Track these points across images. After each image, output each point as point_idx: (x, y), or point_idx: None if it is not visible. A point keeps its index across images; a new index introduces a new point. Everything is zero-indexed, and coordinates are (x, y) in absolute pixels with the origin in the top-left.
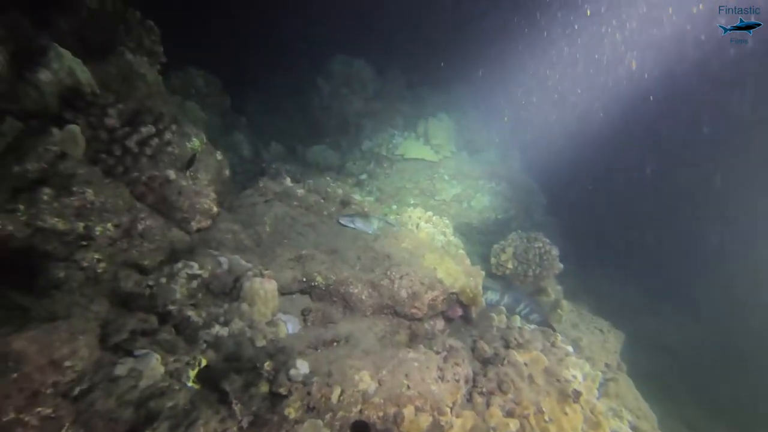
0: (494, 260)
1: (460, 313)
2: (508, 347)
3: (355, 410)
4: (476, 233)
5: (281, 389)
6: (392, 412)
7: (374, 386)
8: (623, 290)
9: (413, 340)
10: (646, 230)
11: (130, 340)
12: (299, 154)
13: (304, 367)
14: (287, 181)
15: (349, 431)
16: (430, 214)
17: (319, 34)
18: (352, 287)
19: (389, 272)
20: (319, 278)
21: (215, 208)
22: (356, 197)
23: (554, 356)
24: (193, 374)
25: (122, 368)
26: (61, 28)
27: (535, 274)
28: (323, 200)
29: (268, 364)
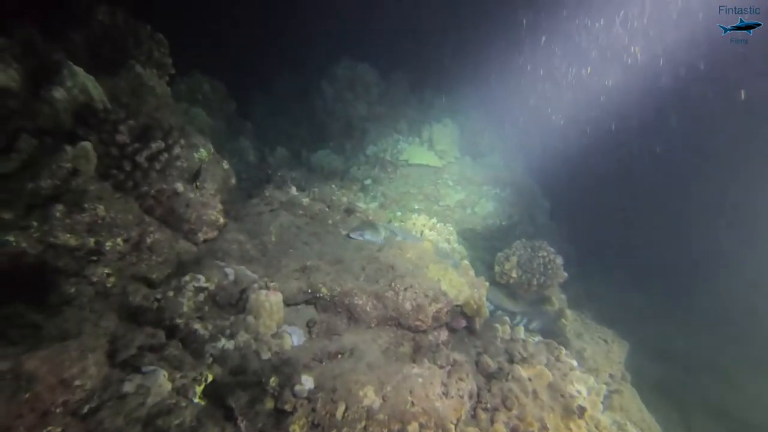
0: (498, 269)
1: (464, 324)
2: (512, 362)
3: (359, 427)
4: (480, 239)
5: (286, 406)
6: (396, 429)
7: (379, 402)
8: (629, 296)
9: (417, 352)
10: (652, 235)
11: (138, 356)
12: (304, 158)
13: (308, 382)
14: (293, 190)
15: None
16: (434, 221)
17: (324, 37)
18: (356, 299)
19: (393, 284)
20: (324, 289)
21: (222, 219)
22: (361, 205)
23: (558, 371)
24: (199, 390)
25: (130, 385)
26: (74, 42)
27: (539, 283)
28: (328, 208)
29: (273, 380)
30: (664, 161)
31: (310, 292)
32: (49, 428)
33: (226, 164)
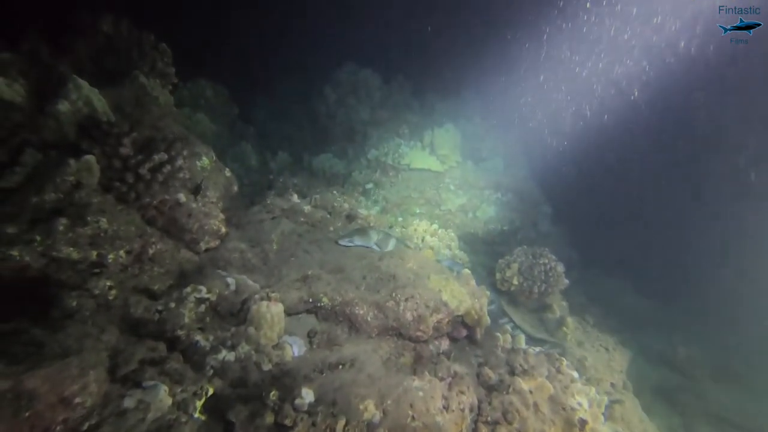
0: (499, 275)
1: (465, 333)
2: (513, 373)
3: None
4: (481, 244)
5: (286, 420)
6: None
7: (379, 416)
8: (631, 301)
9: (418, 362)
10: (656, 239)
11: (138, 370)
12: (306, 162)
13: (309, 396)
14: (294, 197)
15: None
16: (435, 227)
17: (327, 41)
18: (357, 308)
19: (394, 294)
20: (324, 299)
21: (223, 228)
22: (362, 212)
23: (560, 383)
24: (199, 405)
25: (130, 401)
26: (79, 53)
27: (540, 290)
28: (330, 215)
29: (273, 393)
30: (669, 164)
31: (311, 301)
32: None
33: (228, 172)
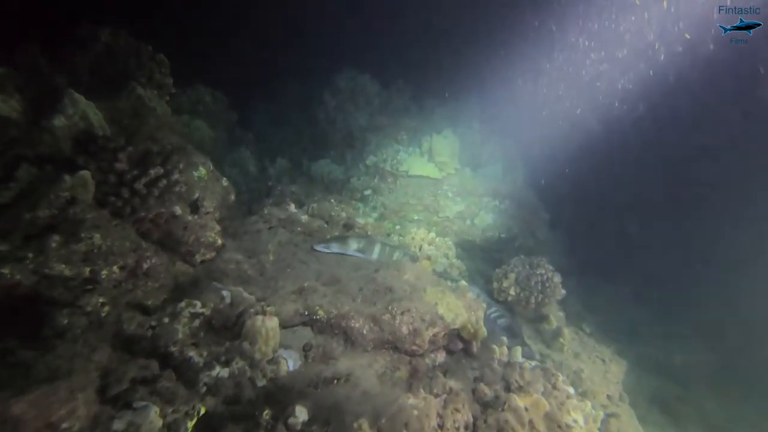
0: (496, 285)
1: (461, 346)
2: (509, 390)
3: None
4: (479, 251)
5: None
6: None
7: None
8: (629, 309)
9: (414, 376)
10: (654, 247)
11: (130, 390)
12: (305, 168)
13: (302, 414)
14: (291, 207)
15: None
16: (432, 235)
17: (326, 46)
18: (353, 321)
19: (390, 307)
20: (320, 312)
21: (219, 240)
22: (359, 221)
23: (555, 399)
24: (191, 425)
25: (120, 423)
26: (77, 64)
27: (537, 301)
28: (327, 224)
29: (266, 413)
30: (669, 170)
31: (306, 314)
32: None
33: (225, 181)
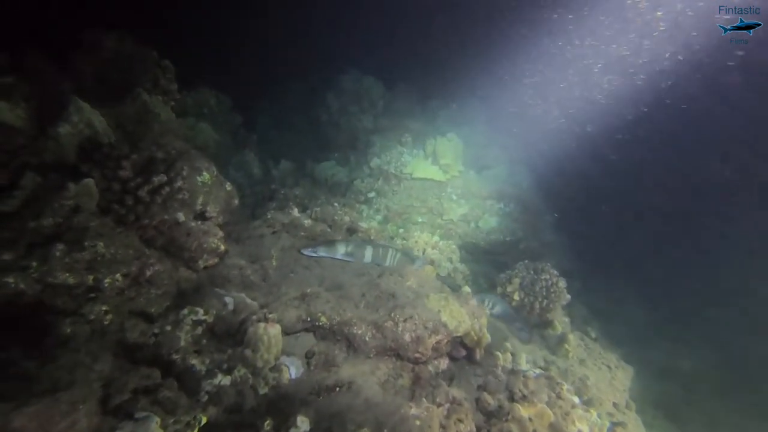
0: (500, 290)
1: (464, 353)
2: (512, 399)
3: None
4: (483, 254)
5: None
6: None
7: None
8: (635, 313)
9: (416, 383)
10: (662, 249)
11: (131, 400)
12: (308, 170)
13: (304, 425)
14: (294, 211)
15: None
16: (436, 239)
17: (330, 47)
18: (355, 328)
19: (393, 314)
20: (323, 318)
21: (222, 246)
22: (363, 225)
23: (560, 409)
24: None
25: None
26: (83, 70)
27: (541, 306)
28: (330, 228)
29: (268, 423)
30: (676, 172)
31: (309, 320)
32: None
33: (228, 185)
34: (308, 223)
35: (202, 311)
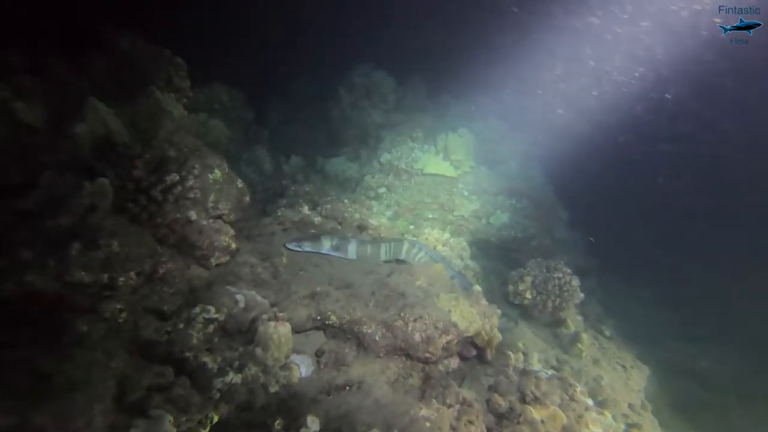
0: (512, 288)
1: (474, 353)
2: (524, 401)
3: None
4: (494, 250)
5: None
6: None
7: None
8: (652, 312)
9: (426, 383)
10: (681, 246)
11: (145, 398)
12: (319, 166)
13: (314, 425)
14: (305, 208)
15: None
16: (447, 236)
17: (342, 41)
18: (365, 327)
19: (403, 313)
20: (333, 317)
21: (233, 244)
22: (373, 222)
23: (573, 412)
24: None
25: None
26: (97, 69)
27: (554, 305)
28: (340, 225)
29: (278, 422)
30: (695, 167)
31: (319, 319)
32: None
33: (240, 182)
34: (318, 220)
35: (213, 309)
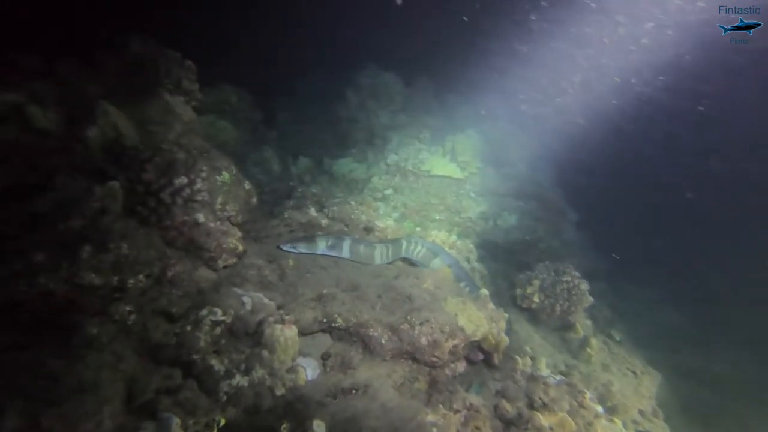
0: (520, 291)
1: (481, 357)
2: (532, 407)
3: None
4: (502, 252)
5: None
6: None
7: None
8: (664, 315)
9: (433, 387)
10: (692, 248)
11: (154, 400)
12: (326, 166)
13: (320, 429)
14: (312, 210)
15: None
16: (454, 238)
17: (349, 40)
18: (371, 330)
19: (409, 317)
20: (339, 320)
21: (241, 246)
22: (379, 224)
23: (582, 419)
24: None
25: None
26: (109, 73)
27: (562, 309)
28: (347, 227)
29: (284, 426)
30: (710, 167)
31: (325, 321)
32: None
33: (247, 184)
34: (325, 222)
35: (220, 312)
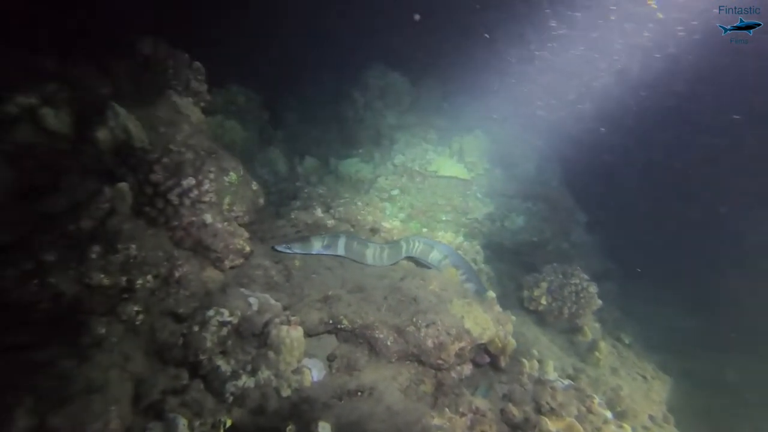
0: (527, 293)
1: (488, 360)
2: (539, 411)
3: None
4: (509, 254)
5: None
6: None
7: None
8: (676, 318)
9: (439, 389)
10: (705, 251)
11: (161, 401)
12: (332, 166)
13: (326, 431)
14: (318, 211)
15: None
16: (460, 240)
17: (355, 39)
18: (377, 332)
19: (415, 319)
20: (345, 321)
21: (248, 247)
22: (385, 224)
23: (591, 424)
24: None
25: None
26: (119, 74)
27: (570, 312)
28: (353, 228)
29: (290, 428)
30: (722, 168)
31: (331, 323)
32: None
33: (254, 185)
34: (331, 223)
35: (227, 312)
